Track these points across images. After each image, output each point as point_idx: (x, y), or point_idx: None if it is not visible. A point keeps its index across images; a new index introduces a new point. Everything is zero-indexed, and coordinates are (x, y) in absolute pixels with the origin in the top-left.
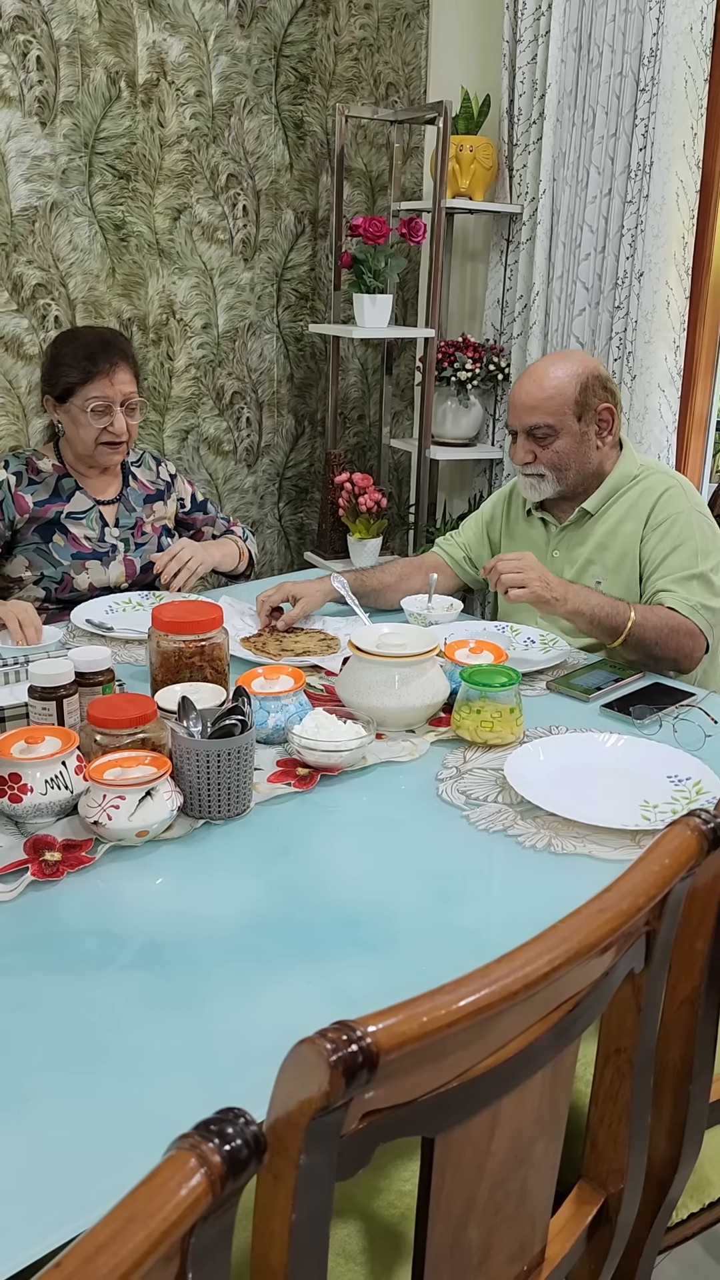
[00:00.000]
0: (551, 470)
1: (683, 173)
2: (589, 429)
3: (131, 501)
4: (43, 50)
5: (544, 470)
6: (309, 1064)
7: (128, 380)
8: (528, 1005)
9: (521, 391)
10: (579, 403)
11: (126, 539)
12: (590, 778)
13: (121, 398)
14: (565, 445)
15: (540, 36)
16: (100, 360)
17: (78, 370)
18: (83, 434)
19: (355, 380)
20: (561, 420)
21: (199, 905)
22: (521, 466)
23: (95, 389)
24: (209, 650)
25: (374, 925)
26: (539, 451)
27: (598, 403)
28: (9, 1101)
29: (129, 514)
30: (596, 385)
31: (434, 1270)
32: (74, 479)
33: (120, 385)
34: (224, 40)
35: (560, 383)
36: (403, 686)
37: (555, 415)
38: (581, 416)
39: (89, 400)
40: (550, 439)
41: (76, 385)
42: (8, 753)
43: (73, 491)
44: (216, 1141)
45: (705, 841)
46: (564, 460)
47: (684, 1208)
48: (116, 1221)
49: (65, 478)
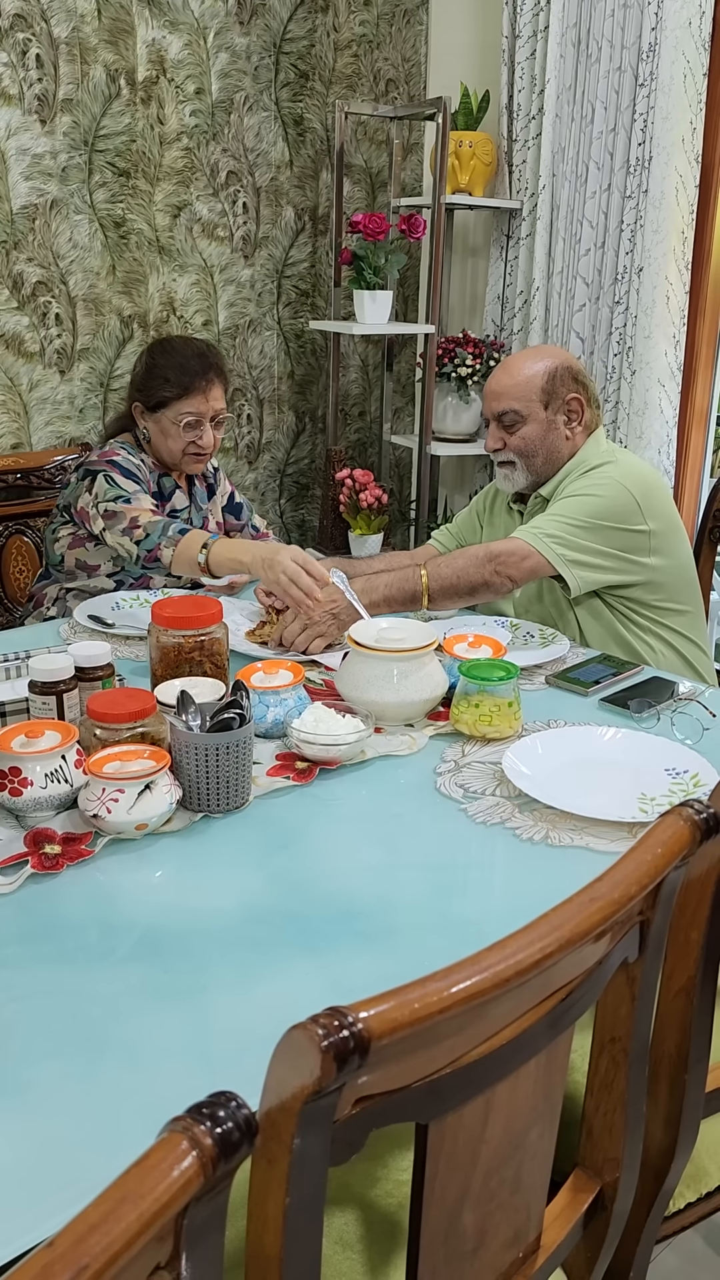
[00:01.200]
0: (520, 457)
1: (682, 167)
2: (557, 417)
3: (199, 501)
4: (42, 48)
5: (513, 457)
6: (301, 1049)
7: (220, 396)
8: (520, 992)
9: (493, 380)
10: (546, 390)
11: None
12: (588, 771)
13: (213, 413)
14: (532, 432)
15: (539, 32)
16: (198, 377)
17: (174, 385)
18: (170, 444)
19: (356, 377)
20: (528, 406)
21: (198, 897)
22: (493, 454)
23: (189, 405)
24: (208, 645)
25: (372, 917)
26: (507, 438)
27: (566, 392)
28: (9, 1091)
29: (199, 513)
30: (566, 375)
31: (429, 1256)
32: (171, 478)
33: (214, 401)
34: (223, 37)
35: (529, 372)
36: (401, 681)
37: (522, 401)
38: (549, 404)
39: (182, 415)
40: (518, 425)
41: (171, 399)
42: (8, 747)
43: (173, 490)
44: (208, 1124)
45: (698, 831)
46: (530, 446)
47: (681, 1197)
48: (109, 1202)
49: (164, 476)
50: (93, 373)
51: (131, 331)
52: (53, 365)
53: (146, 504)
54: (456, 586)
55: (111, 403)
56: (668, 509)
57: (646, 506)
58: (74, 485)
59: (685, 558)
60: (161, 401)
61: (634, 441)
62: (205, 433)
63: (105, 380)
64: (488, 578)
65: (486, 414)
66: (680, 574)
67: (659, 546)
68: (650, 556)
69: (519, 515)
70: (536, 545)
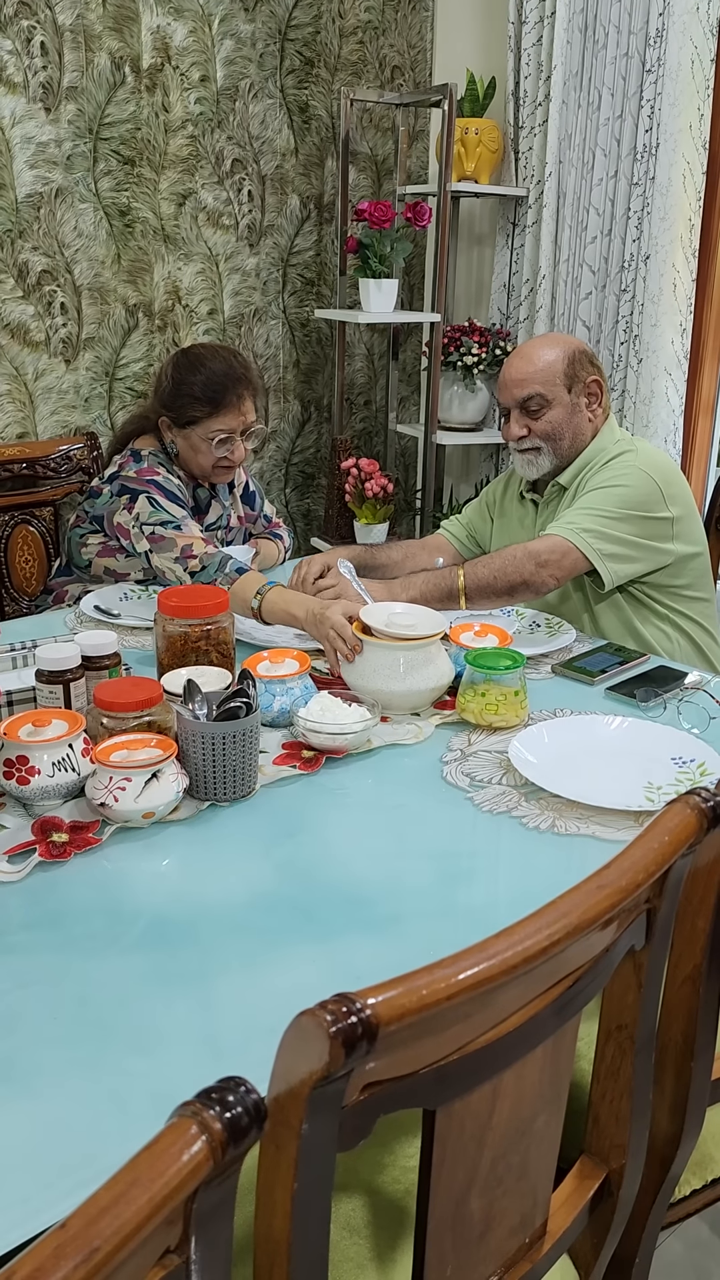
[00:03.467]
0: (546, 441)
1: (689, 154)
2: (579, 400)
3: (223, 500)
4: (47, 35)
5: (539, 443)
6: (309, 1035)
7: (251, 409)
8: (527, 980)
9: (511, 369)
10: (568, 374)
11: (227, 539)
12: (594, 760)
13: (244, 427)
14: (558, 415)
15: (546, 18)
16: (229, 395)
17: (205, 404)
18: (200, 460)
19: (361, 365)
20: (553, 390)
21: (205, 885)
22: (516, 443)
23: (221, 423)
24: (215, 634)
25: (379, 905)
26: (532, 424)
27: (586, 375)
28: (19, 1076)
29: (222, 511)
30: (583, 359)
31: (436, 1240)
32: (205, 489)
33: (245, 415)
34: (228, 24)
35: (549, 357)
36: (409, 670)
37: (546, 385)
38: (571, 388)
39: (214, 433)
40: (543, 410)
41: (202, 418)
42: (15, 736)
43: (208, 502)
44: (218, 1109)
45: (705, 819)
46: (557, 430)
47: (686, 1184)
48: (120, 1185)
49: (199, 488)
50: (98, 362)
51: (137, 320)
52: (58, 354)
53: (195, 531)
54: (494, 586)
55: (117, 392)
56: (686, 495)
57: (668, 493)
58: (109, 498)
59: (703, 544)
60: (192, 420)
61: (640, 430)
62: (237, 447)
63: (110, 370)
64: (528, 576)
65: (506, 403)
66: (700, 560)
67: (680, 532)
68: (672, 542)
69: (533, 505)
70: (575, 540)
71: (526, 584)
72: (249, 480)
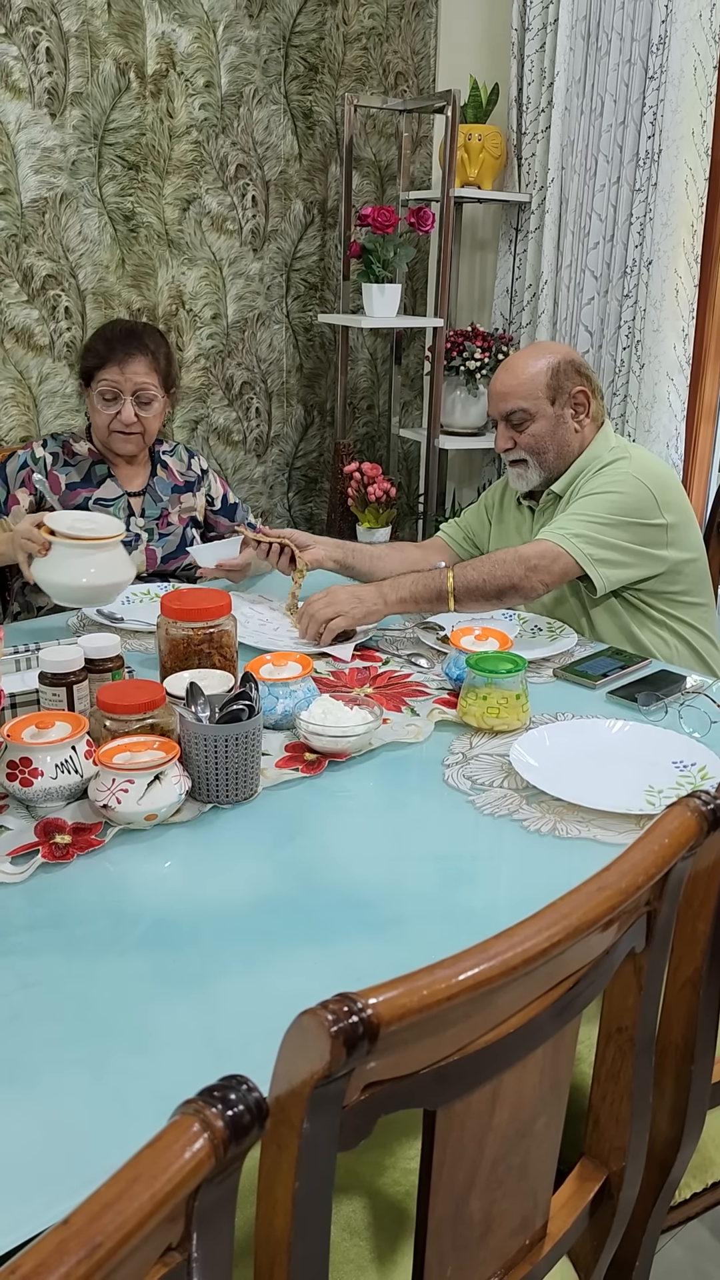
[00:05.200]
0: (531, 454)
1: (691, 160)
2: (564, 411)
3: (159, 491)
4: (52, 41)
5: (524, 455)
6: (311, 1034)
7: (142, 371)
8: (527, 981)
9: (497, 381)
10: (551, 386)
11: (151, 529)
12: (595, 763)
13: (133, 388)
14: (541, 428)
15: (549, 25)
16: (117, 348)
17: (95, 356)
18: (96, 419)
19: (364, 370)
20: (535, 403)
21: (207, 887)
22: (504, 454)
23: (106, 374)
24: (217, 637)
25: (381, 907)
26: (517, 437)
27: (571, 385)
28: (21, 1076)
29: (155, 504)
30: (569, 369)
31: (436, 1241)
32: (106, 466)
33: (132, 375)
34: (233, 30)
35: (533, 370)
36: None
37: (529, 399)
38: (555, 400)
39: (98, 384)
40: (526, 423)
41: (93, 370)
42: (19, 737)
43: (104, 479)
44: (219, 1107)
45: (705, 822)
46: (541, 443)
47: (686, 1188)
48: (122, 1182)
49: (99, 464)
50: None
51: None
52: (62, 358)
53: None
54: (484, 589)
55: None
56: (683, 502)
57: (663, 500)
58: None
59: (700, 550)
60: (87, 374)
61: (642, 435)
62: (125, 408)
63: None
64: (517, 581)
65: (493, 414)
66: (696, 566)
67: (675, 539)
68: (668, 549)
69: (529, 511)
70: (565, 546)
71: (515, 588)
72: (228, 493)
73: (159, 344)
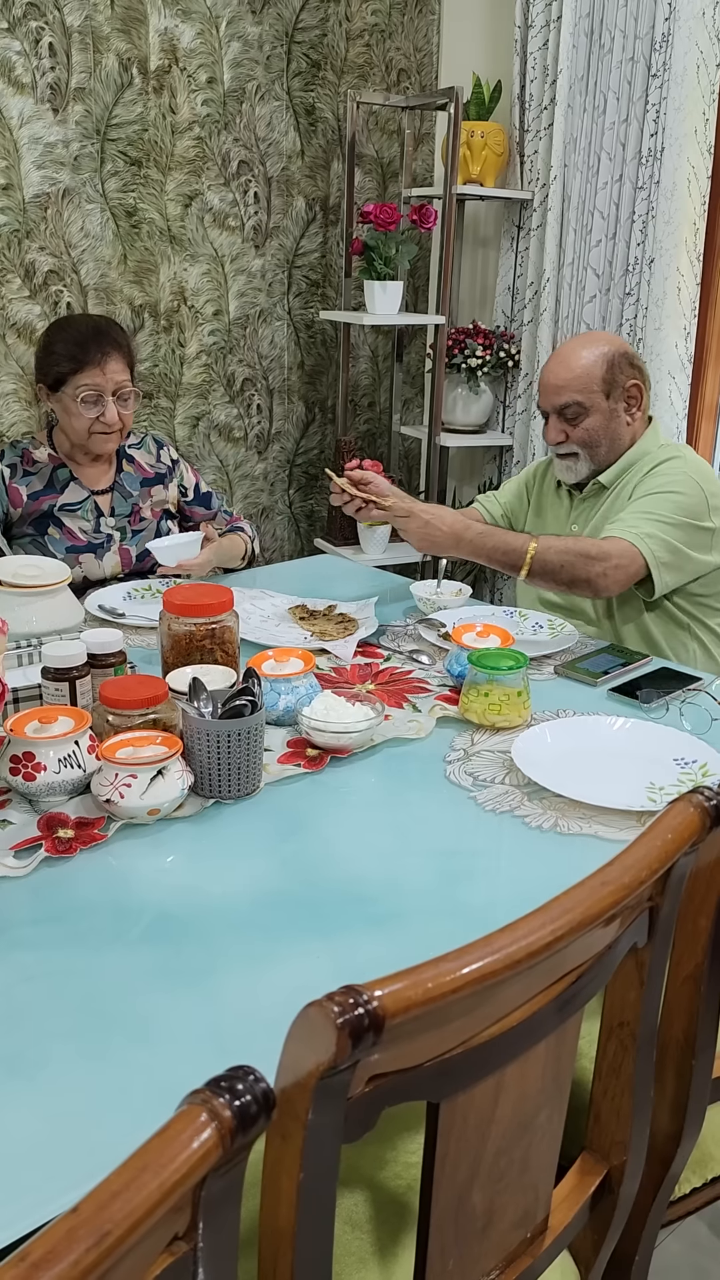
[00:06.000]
0: (583, 448)
1: (694, 158)
2: (618, 405)
3: (127, 487)
4: (55, 37)
5: (576, 449)
6: (316, 1026)
7: (120, 369)
8: (530, 975)
9: (549, 373)
10: (606, 380)
11: (123, 527)
12: (597, 760)
13: (114, 387)
14: (595, 423)
15: (552, 22)
16: (92, 349)
17: (69, 360)
18: (75, 423)
19: (366, 367)
20: (590, 397)
21: (210, 881)
22: (555, 447)
23: (86, 378)
24: (219, 633)
25: (383, 902)
26: (570, 430)
27: (625, 379)
28: (26, 1069)
29: (125, 501)
30: (623, 362)
31: (439, 1233)
32: (69, 469)
33: (112, 375)
34: (235, 26)
35: (588, 362)
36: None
37: (584, 393)
38: (610, 394)
39: (80, 389)
40: (581, 417)
41: (68, 374)
42: (22, 732)
43: (67, 482)
44: (227, 1097)
45: (708, 818)
46: (594, 437)
47: (686, 1182)
48: (130, 1171)
49: (60, 468)
50: None
51: (143, 321)
52: None
53: None
54: (558, 574)
55: None
56: None
57: (712, 504)
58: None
59: None
60: (59, 378)
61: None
62: (108, 408)
63: None
64: (594, 577)
65: (545, 407)
66: None
67: (716, 543)
68: (710, 553)
69: (568, 495)
70: (640, 547)
71: (589, 583)
72: (199, 482)
73: (125, 337)
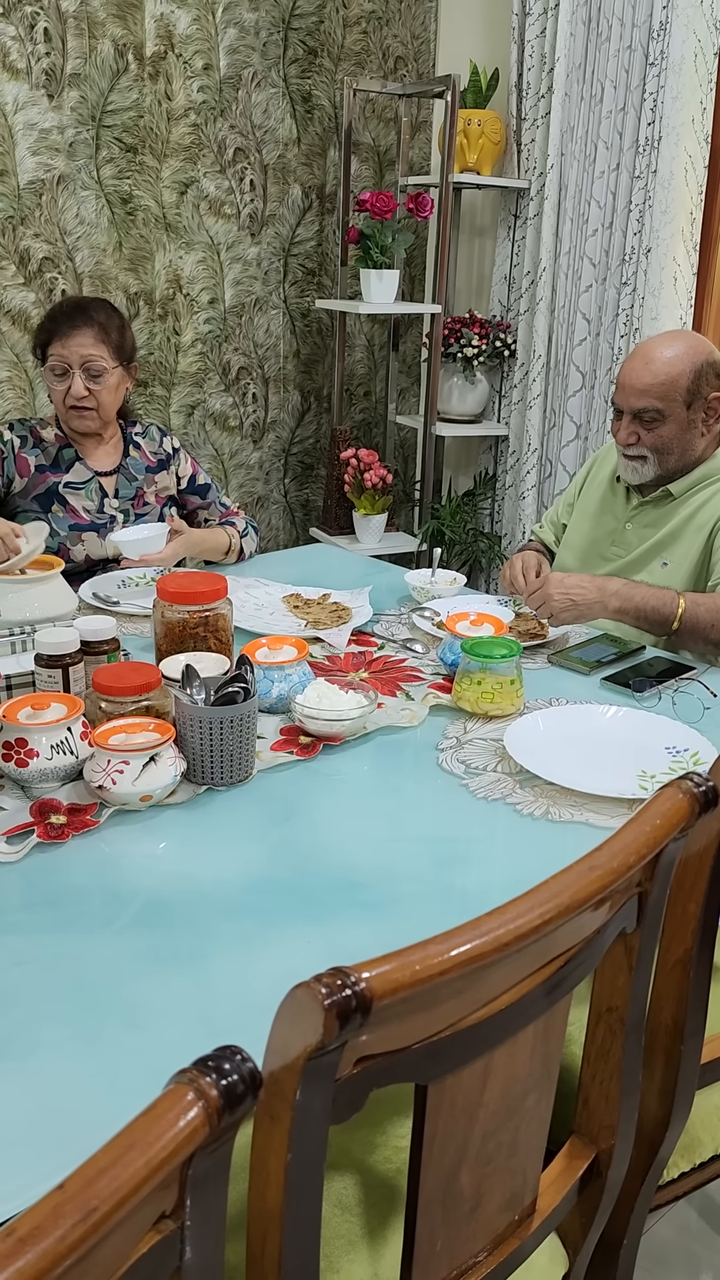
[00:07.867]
0: (654, 454)
1: (691, 148)
2: (697, 416)
3: (132, 471)
4: (50, 22)
5: (646, 453)
6: (304, 1007)
7: (89, 343)
8: (519, 958)
9: (632, 373)
10: (690, 390)
11: (126, 510)
12: (589, 748)
13: (80, 360)
14: (670, 431)
15: (549, 10)
16: (63, 322)
17: (44, 331)
18: (54, 399)
19: (361, 356)
20: (671, 406)
21: (202, 867)
22: (624, 447)
23: (54, 349)
24: (213, 621)
25: (374, 887)
26: (643, 434)
27: (709, 390)
28: (16, 1052)
29: (129, 484)
30: (710, 373)
31: (427, 1215)
32: (74, 449)
33: (78, 347)
34: (232, 13)
35: (675, 369)
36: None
37: (665, 401)
38: (691, 404)
39: (48, 358)
40: (657, 424)
41: (42, 346)
42: (14, 718)
43: (72, 462)
44: (214, 1076)
45: (697, 804)
46: (667, 445)
47: (675, 1167)
48: (117, 1148)
49: (66, 448)
50: None
51: (138, 309)
52: None
53: None
54: (707, 634)
55: None
56: None
57: None
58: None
59: None
60: (41, 352)
61: None
62: (74, 382)
63: None
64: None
65: (621, 406)
66: None
67: None
68: None
69: (625, 492)
70: None
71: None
72: (197, 473)
73: (108, 315)
